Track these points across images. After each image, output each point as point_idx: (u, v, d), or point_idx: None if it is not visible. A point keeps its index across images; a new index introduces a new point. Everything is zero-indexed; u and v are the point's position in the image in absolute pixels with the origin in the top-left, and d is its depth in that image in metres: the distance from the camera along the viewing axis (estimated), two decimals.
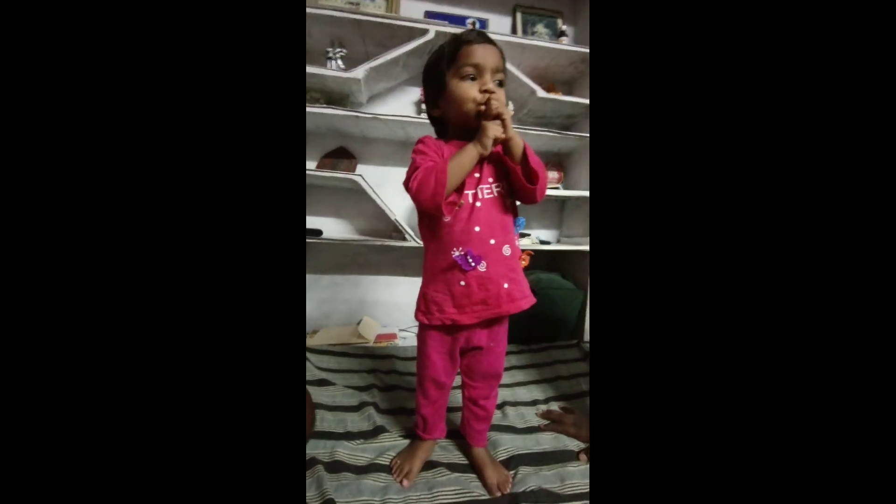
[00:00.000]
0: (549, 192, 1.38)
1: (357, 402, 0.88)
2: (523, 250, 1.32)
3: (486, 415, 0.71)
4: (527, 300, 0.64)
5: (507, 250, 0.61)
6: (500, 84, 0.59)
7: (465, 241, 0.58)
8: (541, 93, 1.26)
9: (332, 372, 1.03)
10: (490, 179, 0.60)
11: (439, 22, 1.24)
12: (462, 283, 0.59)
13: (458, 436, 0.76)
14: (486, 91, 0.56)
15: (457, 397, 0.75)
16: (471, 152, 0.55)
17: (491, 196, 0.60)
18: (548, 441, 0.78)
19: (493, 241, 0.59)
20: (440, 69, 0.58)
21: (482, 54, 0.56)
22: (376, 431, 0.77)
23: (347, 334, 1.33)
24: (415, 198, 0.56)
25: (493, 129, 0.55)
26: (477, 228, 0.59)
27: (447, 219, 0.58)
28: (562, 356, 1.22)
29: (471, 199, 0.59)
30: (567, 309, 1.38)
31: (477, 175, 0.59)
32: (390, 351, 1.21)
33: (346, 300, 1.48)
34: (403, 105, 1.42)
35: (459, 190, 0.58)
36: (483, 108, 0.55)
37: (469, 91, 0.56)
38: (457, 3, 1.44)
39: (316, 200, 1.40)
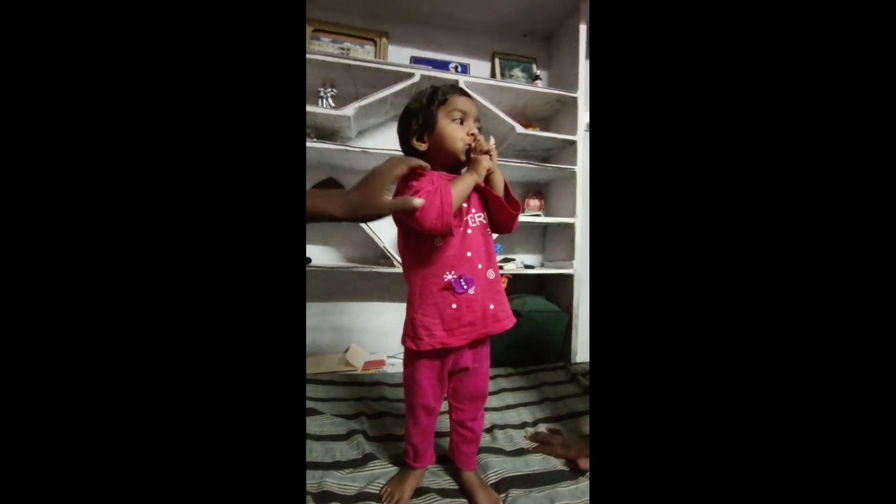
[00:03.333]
0: (531, 218, 1.46)
1: (345, 430, 0.87)
2: (502, 274, 1.37)
3: (474, 437, 0.72)
4: (510, 320, 0.68)
5: (490, 274, 0.66)
6: (479, 128, 0.69)
7: (458, 265, 0.63)
8: (519, 129, 1.37)
9: (320, 401, 1.02)
10: (475, 209, 0.66)
11: (424, 67, 1.35)
12: (454, 305, 0.62)
13: (447, 461, 0.76)
14: (472, 134, 0.65)
15: (444, 423, 0.76)
16: (468, 180, 0.63)
17: (476, 224, 0.66)
18: (537, 462, 0.78)
19: (480, 266, 0.65)
20: (432, 109, 0.65)
21: (468, 104, 0.67)
22: (366, 459, 0.76)
23: (335, 362, 1.32)
24: (419, 218, 0.57)
25: (486, 162, 0.64)
26: (469, 253, 0.64)
27: (439, 244, 0.63)
28: (549, 378, 1.23)
29: (462, 227, 0.64)
30: (553, 332, 1.41)
31: (465, 205, 0.65)
32: (378, 378, 1.20)
33: (333, 328, 1.47)
34: (390, 139, 1.49)
35: (458, 216, 0.64)
36: (471, 145, 0.65)
37: (458, 132, 0.65)
38: (440, 49, 1.57)
39: (306, 229, 1.43)
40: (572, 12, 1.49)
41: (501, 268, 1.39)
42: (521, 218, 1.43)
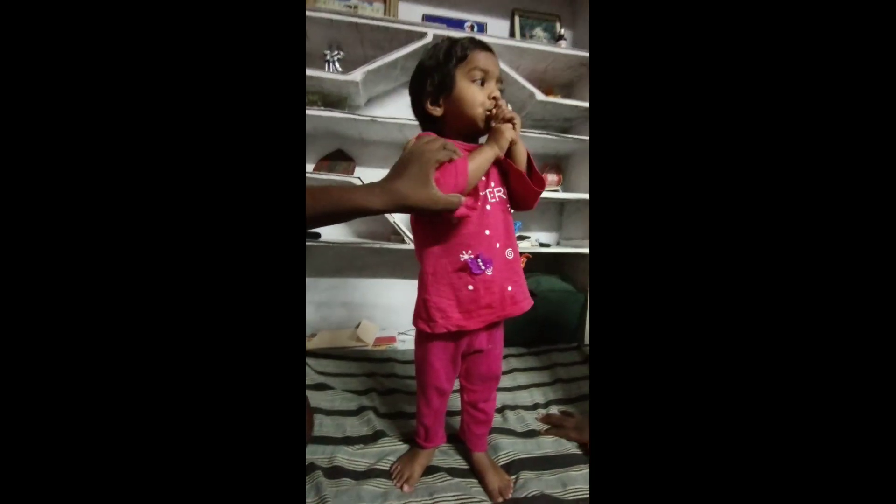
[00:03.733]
0: (548, 194, 1.39)
1: (356, 406, 0.87)
2: (522, 253, 1.32)
3: (485, 418, 0.70)
4: (527, 301, 0.64)
5: (509, 253, 0.61)
6: (502, 89, 0.61)
7: (475, 244, 0.58)
8: (539, 96, 1.26)
9: (331, 376, 1.02)
10: (493, 184, 0.60)
11: (437, 25, 1.24)
12: (470, 287, 0.58)
13: (458, 440, 0.75)
14: (493, 98, 0.58)
15: (455, 401, 0.75)
16: (488, 153, 0.56)
17: (496, 200, 0.60)
18: (549, 445, 0.77)
19: (498, 245, 0.59)
20: (449, 68, 0.58)
21: (490, 62, 0.58)
22: (376, 436, 0.76)
23: (346, 338, 1.32)
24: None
25: (509, 132, 0.57)
26: (487, 232, 0.58)
27: (455, 221, 0.57)
28: (562, 359, 1.21)
29: (481, 202, 0.58)
30: (567, 311, 1.38)
31: (484, 178, 0.59)
32: (389, 354, 1.20)
33: (344, 303, 1.47)
34: (401, 107, 1.41)
35: (474, 193, 0.58)
36: (492, 111, 0.57)
37: (478, 95, 0.57)
38: (455, 6, 1.44)
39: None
40: None
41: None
42: None
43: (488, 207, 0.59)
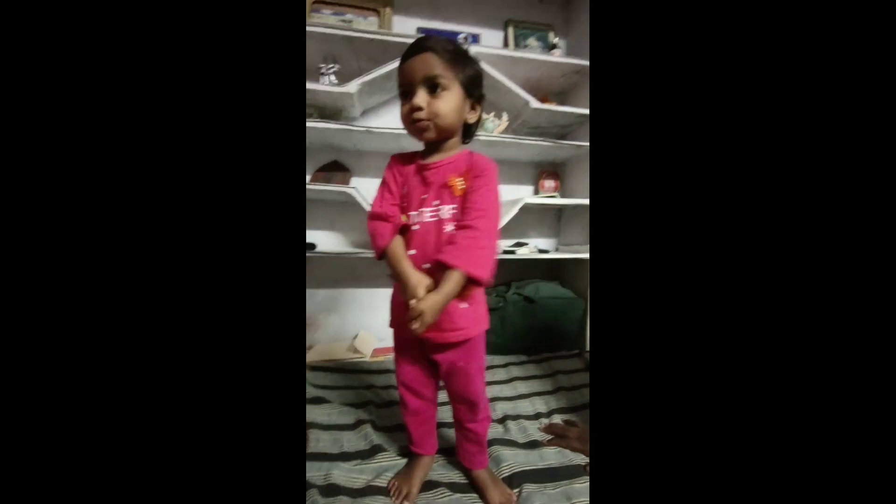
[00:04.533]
0: (546, 200, 1.39)
1: (353, 419, 0.85)
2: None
3: (475, 437, 0.66)
4: (457, 333, 0.57)
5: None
6: (441, 87, 0.53)
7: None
8: (535, 103, 1.27)
9: (328, 389, 1.00)
10: (436, 202, 0.56)
11: None
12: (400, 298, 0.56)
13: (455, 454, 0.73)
14: (414, 108, 0.52)
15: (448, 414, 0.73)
16: (401, 271, 0.55)
17: (433, 220, 0.56)
18: (552, 456, 0.75)
19: (426, 266, 0.55)
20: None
21: (408, 68, 0.53)
22: (373, 451, 0.74)
23: (343, 349, 1.30)
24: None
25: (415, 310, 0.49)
26: (412, 252, 0.56)
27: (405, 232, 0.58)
28: (564, 367, 1.19)
29: (411, 220, 0.57)
30: (567, 318, 1.36)
31: (424, 196, 0.57)
32: (387, 365, 1.18)
33: (341, 314, 1.45)
34: (397, 118, 1.41)
35: (406, 209, 0.58)
36: (421, 121, 0.54)
37: (403, 112, 0.56)
38: (449, 18, 1.47)
39: (310, 214, 1.39)
40: None
41: (513, 252, 1.33)
42: (535, 200, 1.36)
43: (415, 227, 0.57)
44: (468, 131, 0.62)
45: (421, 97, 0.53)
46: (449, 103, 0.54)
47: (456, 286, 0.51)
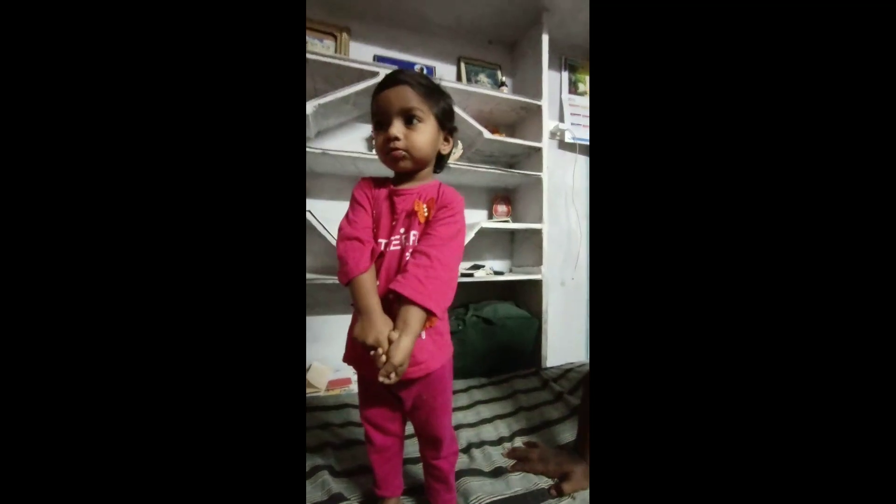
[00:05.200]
0: (500, 224, 1.45)
1: (308, 467, 0.77)
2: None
3: (442, 475, 0.63)
4: (418, 368, 0.53)
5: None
6: (417, 119, 0.54)
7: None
8: (487, 134, 1.35)
9: None
10: (402, 230, 0.55)
11: (388, 66, 1.29)
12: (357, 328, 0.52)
13: (422, 492, 0.70)
14: (389, 138, 0.53)
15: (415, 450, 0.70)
16: (367, 308, 0.50)
17: (397, 248, 0.55)
18: (518, 482, 0.75)
19: (391, 296, 0.52)
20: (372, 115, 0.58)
21: (385, 99, 0.54)
22: (333, 501, 0.68)
23: None
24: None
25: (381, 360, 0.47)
26: (379, 282, 0.54)
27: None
28: (522, 386, 1.22)
29: (380, 248, 0.55)
30: (524, 337, 1.41)
31: (393, 223, 0.55)
32: (345, 399, 1.10)
33: None
34: (354, 141, 1.41)
35: (376, 236, 0.56)
36: (396, 150, 0.54)
37: (378, 141, 0.55)
38: (405, 50, 1.52)
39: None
40: (535, 22, 1.51)
41: (471, 275, 1.35)
42: (490, 224, 1.42)
43: (382, 256, 0.55)
44: (440, 162, 0.63)
45: (398, 128, 0.53)
46: (424, 135, 0.55)
47: (419, 322, 0.49)
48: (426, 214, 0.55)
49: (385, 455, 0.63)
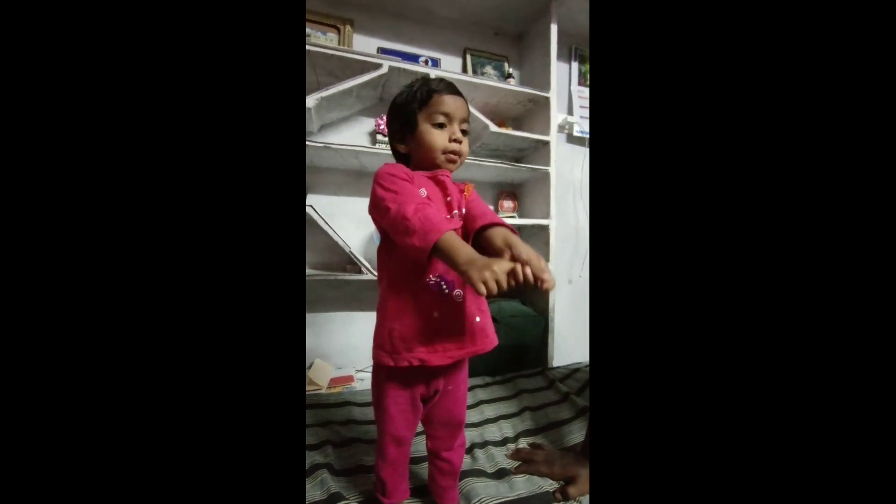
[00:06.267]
0: (506, 220, 1.42)
1: (308, 464, 0.76)
2: None
3: (451, 469, 0.63)
4: (491, 339, 0.59)
5: None
6: (465, 133, 0.60)
7: (438, 266, 0.53)
8: (493, 127, 1.32)
9: None
10: (455, 211, 0.58)
11: (392, 58, 1.26)
12: (436, 313, 0.53)
13: (426, 492, 0.68)
14: (454, 140, 0.58)
15: (421, 446, 0.68)
16: (459, 257, 0.45)
17: (461, 223, 0.58)
18: (521, 485, 0.73)
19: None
20: (412, 109, 0.58)
21: (453, 104, 0.58)
22: (332, 500, 0.66)
23: None
24: (401, 229, 0.49)
25: (488, 274, 0.42)
26: None
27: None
28: (528, 385, 1.19)
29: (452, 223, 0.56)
30: (530, 336, 1.38)
31: (449, 198, 0.57)
32: (346, 397, 1.09)
33: None
34: (357, 135, 1.39)
35: (449, 208, 0.58)
36: (453, 153, 0.58)
37: (438, 140, 0.57)
38: (410, 42, 1.49)
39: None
40: (543, 13, 1.47)
41: None
42: None
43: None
44: None
45: (460, 134, 0.59)
46: (468, 147, 0.62)
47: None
48: (467, 195, 0.60)
49: (396, 464, 0.62)
